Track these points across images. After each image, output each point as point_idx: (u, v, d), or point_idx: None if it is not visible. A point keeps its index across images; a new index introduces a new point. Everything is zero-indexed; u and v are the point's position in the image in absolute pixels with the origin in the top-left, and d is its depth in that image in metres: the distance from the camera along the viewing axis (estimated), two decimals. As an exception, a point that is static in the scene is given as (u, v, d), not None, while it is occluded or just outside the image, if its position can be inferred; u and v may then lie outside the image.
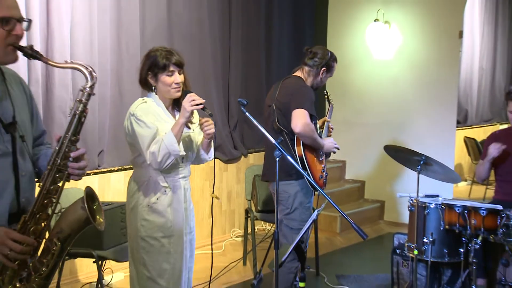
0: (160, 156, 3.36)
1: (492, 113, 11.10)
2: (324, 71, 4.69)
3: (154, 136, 3.41)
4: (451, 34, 7.54)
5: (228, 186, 6.93)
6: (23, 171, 2.39)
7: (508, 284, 4.66)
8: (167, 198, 3.53)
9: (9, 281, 2.34)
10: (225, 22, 6.95)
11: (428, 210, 4.74)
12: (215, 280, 5.51)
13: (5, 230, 2.27)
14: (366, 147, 8.07)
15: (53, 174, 2.35)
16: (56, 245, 2.36)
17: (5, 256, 2.26)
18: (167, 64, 3.47)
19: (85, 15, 5.40)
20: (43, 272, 2.37)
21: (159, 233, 3.52)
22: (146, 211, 3.52)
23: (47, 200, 2.36)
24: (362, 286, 5.46)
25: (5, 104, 2.36)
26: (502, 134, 5.14)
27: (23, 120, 2.43)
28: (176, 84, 3.51)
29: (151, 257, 3.54)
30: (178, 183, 3.58)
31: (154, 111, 3.52)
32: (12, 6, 2.27)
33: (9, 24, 2.24)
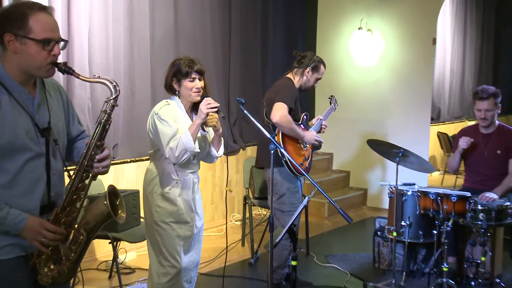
0: (177, 151, 3.39)
1: (462, 110, 11.12)
2: (310, 71, 4.69)
3: (174, 134, 3.44)
4: (426, 41, 7.56)
5: (229, 176, 6.95)
6: (54, 170, 2.42)
7: (475, 261, 4.71)
8: (178, 189, 3.56)
9: (45, 263, 2.38)
10: (225, 30, 6.94)
11: (405, 196, 4.78)
12: (217, 259, 5.54)
13: (39, 221, 2.31)
14: (351, 141, 8.08)
15: (80, 174, 2.39)
16: (82, 235, 2.41)
17: (40, 242, 2.31)
18: (190, 71, 3.52)
19: (102, 24, 5.39)
20: (72, 257, 2.39)
21: (170, 219, 3.56)
22: (160, 199, 3.56)
23: (75, 196, 2.40)
24: (347, 264, 5.44)
25: (42, 111, 2.39)
26: (470, 130, 5.14)
27: (57, 125, 2.45)
28: (196, 89, 3.54)
29: (163, 239, 3.58)
30: (188, 177, 3.61)
31: (176, 112, 3.55)
32: (53, 28, 2.30)
33: (50, 45, 2.27)
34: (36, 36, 2.24)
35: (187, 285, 3.69)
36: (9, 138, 2.24)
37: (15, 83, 2.29)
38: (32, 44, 2.24)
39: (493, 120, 4.95)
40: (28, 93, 2.34)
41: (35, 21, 2.24)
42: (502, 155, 4.90)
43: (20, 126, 2.28)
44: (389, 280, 4.72)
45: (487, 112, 4.88)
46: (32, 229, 2.29)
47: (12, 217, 2.25)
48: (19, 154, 2.28)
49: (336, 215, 7.18)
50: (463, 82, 11.06)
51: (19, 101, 2.29)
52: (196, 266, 3.76)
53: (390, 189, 4.91)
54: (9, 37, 2.24)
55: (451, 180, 8.91)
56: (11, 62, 2.28)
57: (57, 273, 2.38)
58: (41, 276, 2.38)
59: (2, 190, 2.27)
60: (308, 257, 5.66)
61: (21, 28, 2.23)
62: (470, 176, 5.12)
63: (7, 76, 2.27)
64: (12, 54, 2.26)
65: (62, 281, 2.42)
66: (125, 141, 5.75)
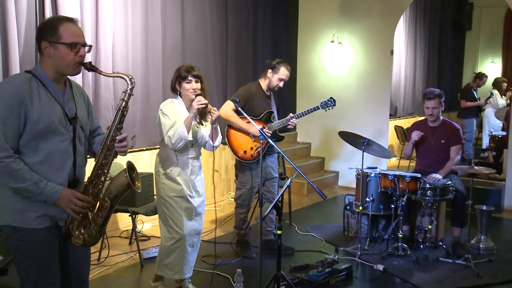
0: (174, 139, 3.46)
1: (414, 108, 11.14)
2: (271, 72, 4.58)
3: (172, 125, 3.50)
4: (385, 52, 7.56)
5: (226, 161, 6.94)
6: (79, 152, 2.45)
7: (424, 229, 4.74)
8: (177, 170, 3.61)
9: (76, 227, 2.40)
10: (223, 42, 6.91)
11: (369, 178, 4.81)
12: (217, 229, 5.55)
13: (71, 192, 2.35)
14: (326, 133, 8.07)
15: (104, 152, 2.43)
16: (107, 202, 2.43)
17: (72, 209, 2.34)
18: (187, 75, 3.55)
19: (123, 38, 5.38)
20: (99, 222, 2.43)
21: (172, 193, 3.62)
22: (164, 178, 3.63)
23: (100, 171, 2.43)
24: (322, 233, 5.44)
25: (70, 104, 2.44)
26: (421, 123, 5.15)
27: (82, 116, 2.50)
28: (193, 89, 3.56)
29: (169, 210, 3.64)
30: (187, 161, 3.64)
31: (177, 109, 3.59)
32: (79, 34, 2.36)
33: (76, 48, 2.33)
34: (65, 41, 2.31)
35: (190, 248, 3.70)
36: (46, 123, 2.29)
37: (50, 81, 2.36)
38: (62, 47, 2.31)
39: (438, 116, 4.97)
40: (60, 89, 2.40)
41: (64, 29, 2.31)
42: (446, 144, 4.93)
43: (54, 114, 2.33)
44: (356, 245, 4.75)
45: (434, 109, 4.90)
46: (65, 198, 2.33)
47: (49, 188, 2.29)
48: (52, 137, 2.32)
49: (313, 193, 7.19)
50: (414, 85, 11.10)
51: (53, 94, 2.36)
52: (198, 234, 3.76)
53: (357, 172, 4.93)
54: (45, 44, 2.32)
55: (405, 164, 8.95)
56: (47, 64, 2.35)
57: (87, 235, 2.42)
58: (74, 238, 2.41)
59: (39, 166, 2.30)
60: (291, 227, 5.66)
61: (53, 36, 2.30)
62: (420, 161, 5.14)
63: (44, 74, 2.34)
64: (47, 58, 2.34)
65: (91, 243, 2.46)
66: (141, 133, 5.75)
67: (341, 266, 4.19)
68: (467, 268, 4.36)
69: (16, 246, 2.35)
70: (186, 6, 6.20)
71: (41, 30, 2.35)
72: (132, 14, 5.48)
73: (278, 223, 3.42)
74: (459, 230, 4.82)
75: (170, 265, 3.68)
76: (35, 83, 2.30)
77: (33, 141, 2.28)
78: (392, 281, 4.21)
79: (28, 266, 2.34)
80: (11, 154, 2.22)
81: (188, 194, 3.64)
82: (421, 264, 4.46)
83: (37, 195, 2.27)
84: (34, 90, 2.28)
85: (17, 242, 2.34)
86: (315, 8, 8.08)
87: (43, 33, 2.32)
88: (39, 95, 2.29)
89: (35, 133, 2.27)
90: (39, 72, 2.34)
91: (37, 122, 2.26)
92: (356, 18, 7.71)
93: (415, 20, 10.82)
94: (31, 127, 2.25)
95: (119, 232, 5.35)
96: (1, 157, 2.20)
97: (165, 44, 5.93)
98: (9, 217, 2.32)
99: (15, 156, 2.24)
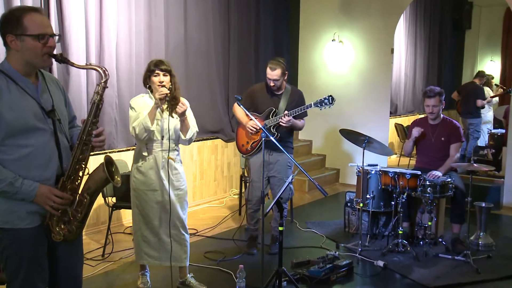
0: (137, 129, 3.53)
1: (414, 106, 11.14)
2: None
3: (137, 117, 3.57)
4: (386, 50, 7.55)
5: (228, 158, 6.95)
6: (62, 145, 2.38)
7: (424, 225, 4.75)
8: (148, 163, 3.63)
9: (56, 223, 2.34)
10: (225, 40, 6.90)
11: (370, 175, 4.81)
12: (219, 225, 5.57)
13: (49, 188, 2.28)
14: (327, 130, 8.06)
15: (80, 147, 2.34)
16: (86, 198, 2.37)
17: (51, 206, 2.29)
18: (154, 69, 3.57)
19: (126, 36, 5.38)
20: (79, 217, 2.36)
21: (143, 187, 3.66)
22: (136, 171, 3.68)
23: (78, 166, 2.35)
24: (323, 229, 5.44)
25: (45, 97, 2.35)
26: (421, 121, 5.13)
27: (59, 107, 2.40)
28: (160, 82, 3.56)
29: (140, 202, 3.68)
30: (158, 154, 3.62)
31: (145, 102, 3.65)
32: (46, 24, 2.26)
33: (44, 39, 2.23)
34: (32, 32, 2.21)
35: (168, 239, 3.64)
36: (21, 120, 2.21)
37: (20, 76, 2.26)
38: (29, 39, 2.21)
39: (438, 114, 4.96)
40: (32, 83, 2.31)
41: (29, 20, 2.21)
42: (445, 141, 4.92)
43: (29, 109, 2.25)
44: (357, 241, 4.75)
45: (434, 107, 4.89)
46: (43, 195, 2.26)
47: (26, 186, 2.22)
48: (31, 133, 2.25)
49: (314, 190, 7.15)
50: (414, 84, 11.09)
51: (26, 89, 2.26)
52: (175, 226, 3.68)
53: (358, 169, 4.93)
54: (10, 37, 2.22)
55: (406, 162, 8.96)
56: (15, 59, 2.25)
57: (67, 231, 2.35)
58: (54, 234, 2.35)
59: (21, 163, 2.24)
60: (292, 223, 5.66)
61: (18, 28, 2.20)
62: (420, 158, 5.13)
63: (13, 70, 2.25)
64: (15, 52, 2.24)
65: (71, 238, 2.38)
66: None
67: (342, 262, 4.20)
68: (466, 264, 4.36)
69: (4, 246, 2.29)
70: (189, 5, 6.20)
71: (4, 23, 2.24)
72: (136, 13, 5.48)
73: (280, 220, 3.43)
74: (459, 227, 4.82)
75: (149, 253, 3.71)
76: (4, 80, 2.22)
77: (10, 139, 2.21)
78: (392, 277, 4.22)
79: (17, 265, 2.30)
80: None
81: (163, 188, 3.62)
82: (421, 260, 4.46)
83: (14, 194, 2.21)
84: (4, 87, 2.20)
85: (6, 242, 2.29)
86: (316, 7, 8.07)
87: (8, 26, 2.22)
88: (10, 92, 2.21)
89: (11, 131, 2.20)
90: (6, 67, 2.25)
91: (11, 120, 2.18)
92: (356, 17, 7.70)
93: (415, 19, 10.81)
94: (4, 125, 2.18)
95: (123, 228, 5.35)
96: None
97: (168, 43, 5.93)
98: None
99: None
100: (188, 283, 3.83)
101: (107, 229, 4.67)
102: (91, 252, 4.61)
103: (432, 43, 11.58)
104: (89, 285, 3.86)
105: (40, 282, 2.35)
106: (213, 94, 6.63)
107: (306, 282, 3.95)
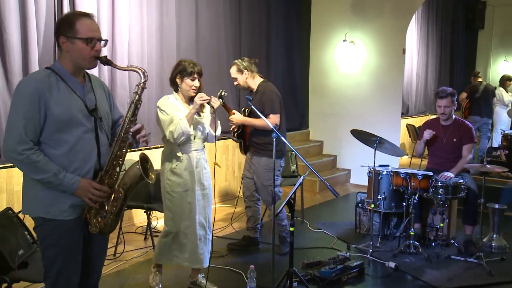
0: (176, 134, 3.48)
1: (426, 107, 11.09)
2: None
3: (171, 120, 3.52)
4: (397, 51, 7.51)
5: (239, 158, 6.94)
6: (102, 142, 2.49)
7: (435, 227, 4.72)
8: (183, 164, 3.61)
9: (93, 216, 2.45)
10: (236, 39, 6.92)
11: (381, 175, 4.78)
12: (231, 225, 5.57)
13: (89, 181, 2.40)
14: (338, 131, 8.04)
15: (118, 143, 2.45)
16: (121, 193, 2.46)
17: (90, 198, 2.39)
18: (193, 71, 3.56)
19: (138, 36, 5.42)
20: (114, 211, 2.46)
21: (179, 188, 3.62)
22: (170, 174, 3.63)
23: (115, 162, 2.46)
24: (334, 230, 5.43)
25: (90, 96, 2.48)
26: (433, 122, 5.11)
27: (102, 107, 2.53)
28: (195, 87, 3.59)
29: (173, 204, 3.65)
30: (191, 154, 3.64)
31: (173, 104, 3.61)
32: (95, 29, 2.41)
33: (92, 42, 2.37)
34: (82, 36, 2.35)
35: (198, 241, 3.68)
36: (67, 115, 2.34)
37: (70, 75, 2.40)
38: (79, 42, 2.35)
39: (450, 115, 4.93)
40: (79, 82, 2.44)
41: (80, 25, 2.35)
42: (458, 142, 4.89)
43: (74, 106, 2.38)
44: (368, 242, 4.73)
45: (446, 108, 4.86)
46: (83, 188, 2.37)
47: (68, 179, 2.34)
48: (75, 128, 2.37)
49: (325, 191, 7.17)
50: (426, 84, 11.03)
51: (73, 88, 2.40)
52: (203, 227, 3.72)
53: (369, 170, 4.92)
54: (62, 39, 2.37)
55: (417, 162, 8.90)
56: (65, 59, 2.40)
57: (103, 224, 2.46)
58: (91, 226, 2.45)
59: (64, 157, 2.35)
60: (303, 224, 5.65)
61: (70, 31, 2.35)
62: (432, 159, 5.10)
63: (63, 69, 2.40)
64: (65, 52, 2.39)
65: (107, 231, 2.50)
66: (156, 130, 5.66)
67: (353, 263, 4.18)
68: (479, 266, 4.32)
69: (44, 235, 2.41)
70: (200, 5, 6.22)
71: (59, 26, 2.39)
72: (148, 13, 5.51)
73: (291, 220, 3.42)
74: (471, 228, 4.78)
75: (177, 254, 3.72)
76: (54, 78, 2.35)
77: (56, 133, 2.33)
78: (403, 279, 4.19)
79: (54, 255, 2.39)
80: (31, 146, 2.28)
81: (194, 188, 3.64)
82: (432, 262, 4.43)
83: (57, 186, 2.33)
84: (54, 85, 2.33)
85: (46, 232, 2.39)
86: (328, 7, 8.05)
87: (61, 28, 2.37)
88: (59, 89, 2.34)
89: (57, 125, 2.32)
90: (58, 67, 2.39)
91: (58, 115, 2.31)
92: (368, 17, 7.67)
93: (427, 19, 10.75)
94: (53, 120, 2.31)
95: (135, 228, 5.37)
96: (22, 149, 2.26)
97: (179, 43, 5.95)
98: (39, 209, 2.38)
99: (35, 148, 2.29)
100: (199, 283, 3.84)
101: (119, 229, 4.68)
102: (103, 251, 4.63)
103: (444, 43, 11.51)
104: (101, 284, 3.81)
105: (73, 275, 2.46)
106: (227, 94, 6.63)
107: (317, 283, 3.94)
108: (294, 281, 3.62)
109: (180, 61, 3.66)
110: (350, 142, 7.65)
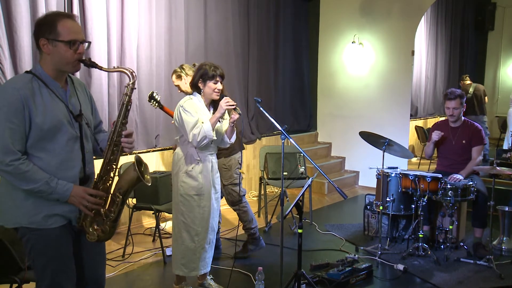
0: (199, 137, 3.42)
1: (435, 108, 11.03)
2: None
3: (195, 123, 3.46)
4: (406, 52, 7.48)
5: (247, 160, 6.96)
6: (87, 149, 2.41)
7: (444, 229, 4.70)
8: (199, 167, 3.57)
9: (90, 224, 2.38)
10: (245, 43, 6.94)
11: (390, 177, 4.77)
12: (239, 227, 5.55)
13: (83, 188, 2.33)
14: (346, 133, 8.02)
15: (111, 148, 2.38)
16: (118, 197, 2.40)
17: (85, 206, 2.33)
18: (215, 74, 3.52)
19: (147, 40, 5.44)
20: (112, 217, 2.40)
21: (192, 192, 3.58)
22: (185, 176, 3.57)
23: (109, 166, 2.39)
24: (343, 232, 5.42)
25: (74, 101, 2.39)
26: (442, 124, 5.09)
27: (86, 112, 2.45)
28: (218, 90, 3.55)
29: (187, 208, 3.60)
30: (207, 157, 3.61)
31: (197, 106, 3.56)
32: (77, 31, 2.30)
33: (75, 45, 2.27)
34: (64, 38, 2.24)
35: (207, 246, 3.68)
36: (51, 123, 2.25)
37: (51, 79, 2.30)
38: (61, 45, 2.25)
39: (459, 116, 4.91)
40: (61, 87, 2.34)
41: (62, 26, 2.24)
42: (467, 144, 4.87)
43: (59, 112, 2.29)
44: (376, 244, 4.71)
45: (455, 110, 4.84)
46: (77, 194, 2.30)
47: (61, 186, 2.27)
48: (60, 136, 2.28)
49: (334, 193, 7.16)
50: (435, 86, 10.98)
51: (56, 93, 2.30)
52: (213, 231, 3.72)
53: (378, 172, 4.90)
54: (43, 41, 2.26)
55: (426, 164, 8.86)
56: (46, 62, 2.29)
57: (100, 231, 2.39)
58: (88, 235, 2.38)
59: (49, 165, 2.27)
60: (311, 226, 5.64)
61: (51, 33, 2.24)
62: (441, 161, 5.08)
63: (45, 73, 2.29)
64: (46, 55, 2.28)
65: (105, 238, 2.42)
66: (165, 132, 5.79)
67: (361, 266, 4.17)
68: (489, 269, 4.29)
69: (31, 245, 2.33)
70: (208, 8, 6.23)
71: (39, 27, 2.27)
72: (156, 16, 5.53)
73: (299, 222, 3.42)
74: (481, 231, 4.75)
75: (187, 264, 3.66)
76: (37, 83, 2.26)
77: (40, 141, 2.25)
78: (412, 281, 4.17)
79: (44, 264, 2.33)
80: (19, 156, 2.20)
81: (210, 191, 3.63)
82: (441, 264, 4.40)
83: (49, 194, 2.25)
84: (36, 91, 2.24)
85: (32, 241, 2.32)
86: (336, 9, 8.04)
87: (41, 30, 2.26)
88: (42, 95, 2.25)
89: (42, 133, 2.24)
90: (39, 71, 2.29)
91: (43, 122, 2.22)
92: (377, 19, 7.65)
93: (436, 21, 10.69)
94: (37, 128, 2.22)
95: (143, 229, 5.39)
96: (10, 160, 2.18)
97: (188, 45, 5.97)
98: (22, 219, 2.30)
99: (23, 158, 2.21)
100: (208, 285, 3.84)
101: (127, 230, 4.71)
102: (112, 252, 4.65)
103: (454, 44, 11.44)
104: (110, 286, 3.88)
105: (67, 282, 2.38)
106: (232, 96, 6.58)
107: (325, 285, 3.93)
108: (302, 283, 3.62)
109: (201, 64, 3.62)
110: (358, 144, 7.64)
